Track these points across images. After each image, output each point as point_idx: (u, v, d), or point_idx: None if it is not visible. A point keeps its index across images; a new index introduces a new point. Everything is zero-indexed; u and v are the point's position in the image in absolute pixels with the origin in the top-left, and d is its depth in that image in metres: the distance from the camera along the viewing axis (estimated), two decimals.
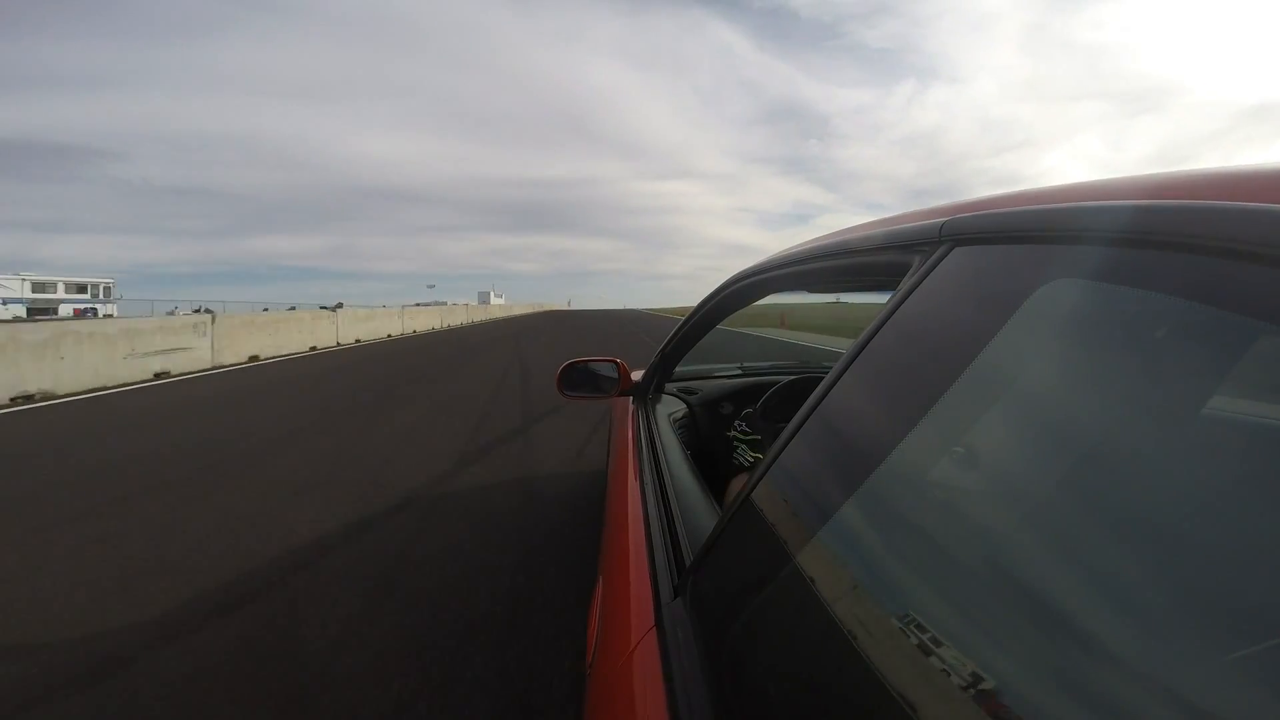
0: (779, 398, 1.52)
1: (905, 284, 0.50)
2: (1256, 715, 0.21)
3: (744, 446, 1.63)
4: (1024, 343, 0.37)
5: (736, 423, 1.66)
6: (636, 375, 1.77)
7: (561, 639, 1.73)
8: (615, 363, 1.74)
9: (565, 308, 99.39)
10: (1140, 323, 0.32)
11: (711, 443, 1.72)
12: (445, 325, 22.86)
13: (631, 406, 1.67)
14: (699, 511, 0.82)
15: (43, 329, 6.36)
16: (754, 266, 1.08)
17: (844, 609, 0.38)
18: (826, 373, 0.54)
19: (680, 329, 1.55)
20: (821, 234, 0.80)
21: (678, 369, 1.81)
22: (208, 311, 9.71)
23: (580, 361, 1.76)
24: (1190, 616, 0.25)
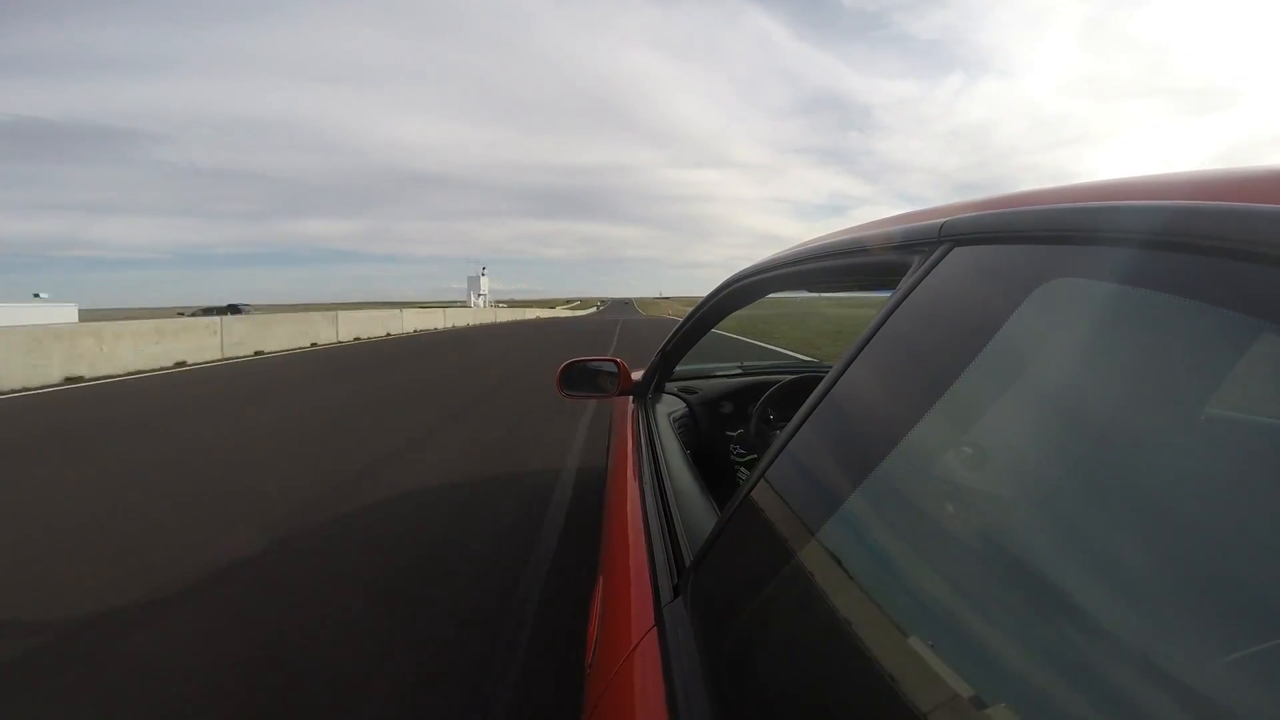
0: (772, 405, 1.51)
1: (905, 283, 0.50)
2: (1264, 714, 0.21)
3: (742, 469, 1.58)
4: (1024, 342, 0.37)
5: (732, 445, 1.62)
6: (637, 375, 1.77)
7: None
8: (615, 362, 1.74)
9: (536, 315, 47.24)
10: (1139, 322, 0.32)
11: (711, 442, 1.72)
12: None
13: (631, 406, 1.66)
14: (699, 511, 0.82)
15: None
16: (755, 266, 1.08)
17: (843, 609, 0.38)
18: (826, 373, 0.54)
19: (680, 328, 1.55)
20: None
21: (678, 368, 1.80)
22: None
23: (580, 361, 1.76)
24: (1189, 615, 0.25)
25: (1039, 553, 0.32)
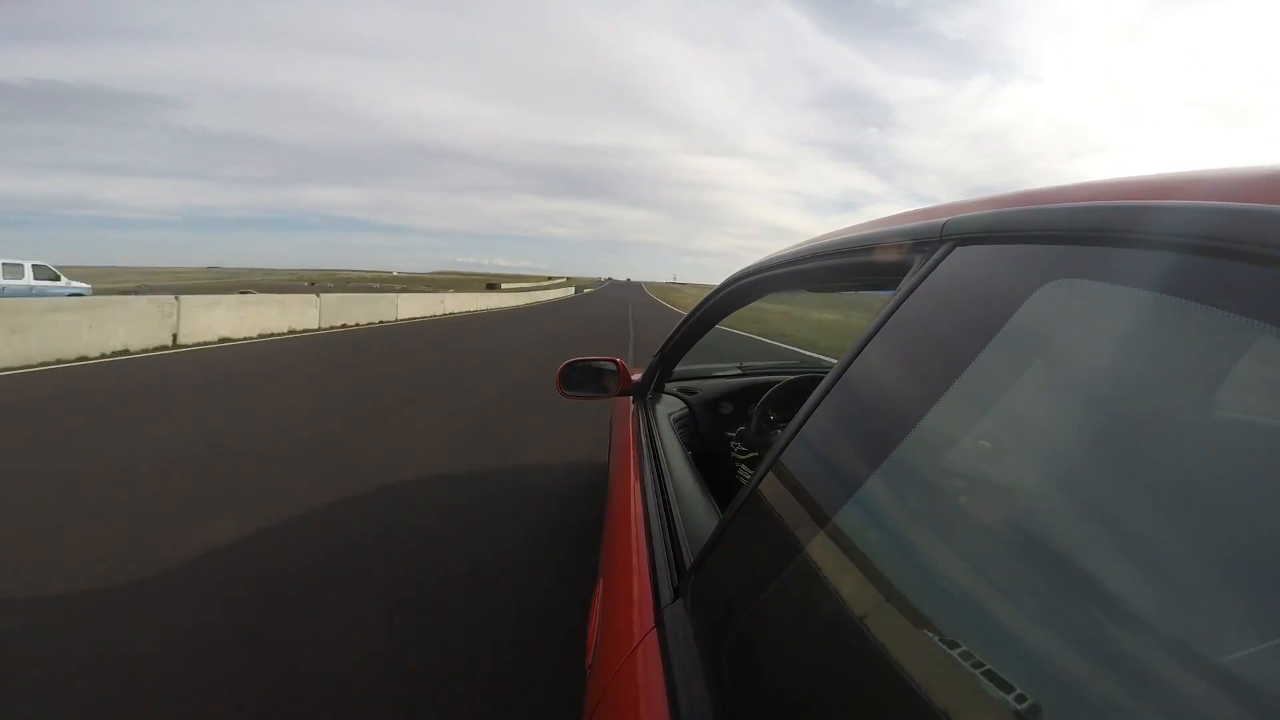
0: (772, 405, 1.51)
1: (906, 283, 0.50)
2: (1269, 714, 0.21)
3: (743, 466, 1.58)
4: (1025, 342, 0.37)
5: (732, 442, 1.61)
6: (636, 375, 1.76)
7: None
8: (615, 362, 1.74)
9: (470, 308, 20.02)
10: (1141, 323, 0.32)
11: (711, 442, 1.72)
12: None
13: (632, 406, 1.66)
14: (699, 512, 0.82)
15: None
16: (755, 265, 1.08)
17: (845, 611, 0.38)
18: (826, 373, 0.53)
19: (680, 328, 1.54)
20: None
21: (677, 368, 1.80)
22: None
23: (580, 360, 1.76)
24: (1189, 615, 0.25)
25: (1039, 555, 0.32)
